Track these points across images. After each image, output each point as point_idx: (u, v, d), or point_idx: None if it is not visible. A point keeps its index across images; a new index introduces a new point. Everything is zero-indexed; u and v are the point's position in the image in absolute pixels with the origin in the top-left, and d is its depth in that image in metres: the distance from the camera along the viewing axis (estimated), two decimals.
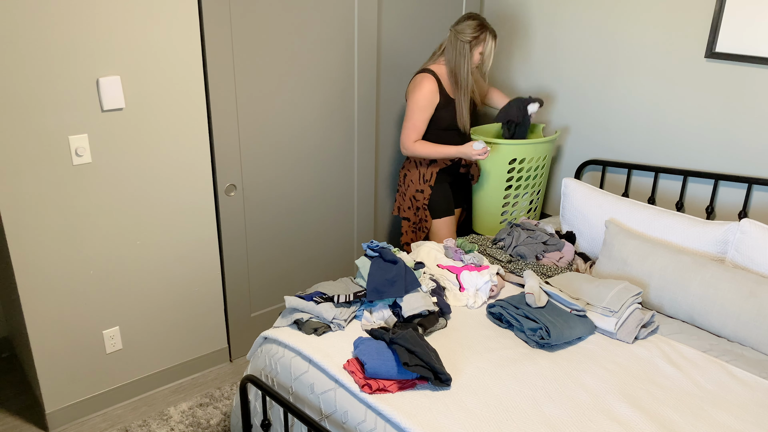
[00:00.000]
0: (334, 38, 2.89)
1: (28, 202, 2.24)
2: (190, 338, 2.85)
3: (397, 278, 2.18)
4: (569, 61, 3.29)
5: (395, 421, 1.73)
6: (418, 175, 3.03)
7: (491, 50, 2.83)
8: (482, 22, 2.79)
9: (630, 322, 2.19)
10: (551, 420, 1.76)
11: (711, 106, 2.82)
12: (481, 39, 2.78)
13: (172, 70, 2.43)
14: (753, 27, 2.60)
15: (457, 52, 2.80)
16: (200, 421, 2.61)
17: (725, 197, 2.85)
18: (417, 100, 2.83)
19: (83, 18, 2.18)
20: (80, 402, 2.59)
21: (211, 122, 2.61)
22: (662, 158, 3.04)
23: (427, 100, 2.83)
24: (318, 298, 2.16)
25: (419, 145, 2.88)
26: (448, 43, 2.83)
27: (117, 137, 2.38)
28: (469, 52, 2.79)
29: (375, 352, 1.90)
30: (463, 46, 2.78)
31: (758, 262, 2.28)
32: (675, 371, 2.01)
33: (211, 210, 2.72)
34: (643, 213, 2.60)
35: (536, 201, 3.33)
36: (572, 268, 2.65)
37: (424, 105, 2.84)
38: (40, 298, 2.37)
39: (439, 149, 2.88)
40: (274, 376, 2.08)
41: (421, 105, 2.84)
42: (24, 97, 2.14)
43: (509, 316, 2.20)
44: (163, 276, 2.66)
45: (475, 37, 2.77)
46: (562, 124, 3.42)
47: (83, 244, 2.41)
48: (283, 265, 3.09)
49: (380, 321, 2.17)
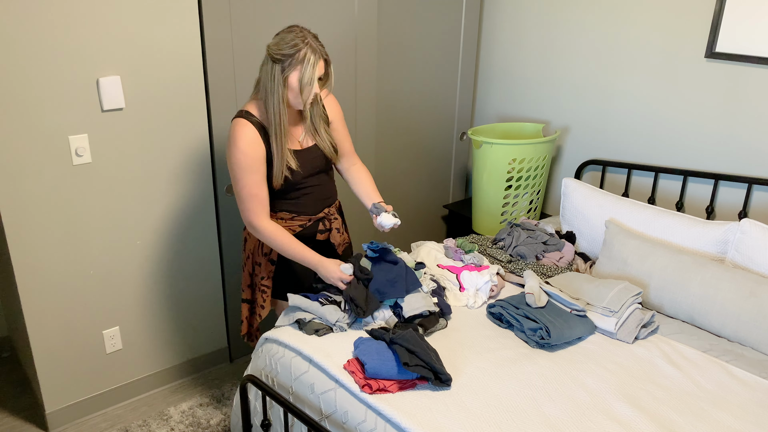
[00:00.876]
0: (334, 38, 2.89)
1: (28, 202, 2.24)
2: (190, 338, 2.85)
3: (397, 279, 2.18)
4: (569, 61, 3.29)
5: (395, 421, 1.73)
6: (255, 244, 2.26)
7: (311, 78, 1.98)
8: (305, 36, 1.97)
9: (630, 322, 2.19)
10: (551, 420, 1.76)
11: (711, 106, 2.82)
12: (298, 59, 1.96)
13: (172, 70, 2.43)
14: (753, 27, 2.60)
15: (268, 75, 2.00)
16: (200, 421, 2.61)
17: (725, 197, 2.85)
18: (236, 160, 2.03)
19: (83, 18, 2.18)
20: (80, 402, 2.59)
21: (211, 122, 2.61)
22: (662, 158, 3.04)
23: (249, 157, 2.02)
24: (323, 300, 2.16)
25: (272, 229, 2.09)
26: (262, 65, 2.04)
27: (117, 137, 2.38)
28: (280, 75, 1.98)
29: (375, 352, 1.90)
30: (273, 67, 1.98)
31: (758, 262, 2.29)
32: (675, 371, 2.01)
33: (211, 210, 2.72)
34: (643, 213, 2.60)
35: (536, 201, 3.33)
36: (572, 268, 2.65)
37: (248, 165, 2.03)
38: (40, 298, 2.37)
39: (295, 249, 2.10)
40: (275, 376, 2.08)
41: (244, 166, 2.03)
42: (24, 97, 2.14)
43: (509, 316, 2.20)
44: (163, 276, 2.66)
45: (288, 56, 1.96)
46: (562, 124, 3.42)
47: (83, 244, 2.41)
48: None
49: (381, 321, 2.17)
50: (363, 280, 2.19)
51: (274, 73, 1.98)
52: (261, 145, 2.05)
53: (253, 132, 2.04)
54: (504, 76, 3.63)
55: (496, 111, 3.72)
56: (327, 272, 2.11)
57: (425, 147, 3.54)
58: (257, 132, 2.05)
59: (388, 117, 3.32)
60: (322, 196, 2.26)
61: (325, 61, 2.03)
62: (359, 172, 2.35)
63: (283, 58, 1.96)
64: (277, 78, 1.98)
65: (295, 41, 1.95)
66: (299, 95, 2.00)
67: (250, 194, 2.07)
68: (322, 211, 2.28)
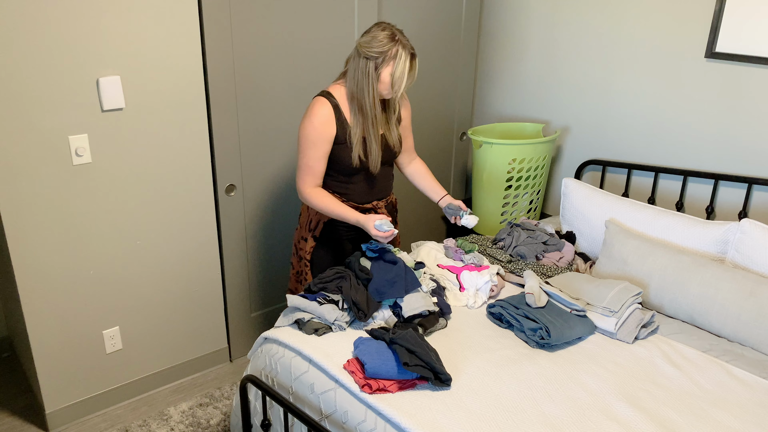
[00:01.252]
0: (334, 37, 2.89)
1: (28, 202, 2.24)
2: (190, 338, 2.85)
3: (397, 278, 2.18)
4: (569, 61, 3.29)
5: (395, 421, 1.73)
6: (306, 219, 2.41)
7: (404, 73, 2.14)
8: (394, 33, 2.14)
9: (630, 322, 2.19)
10: (551, 420, 1.76)
11: (711, 106, 2.82)
12: (391, 56, 2.12)
13: (172, 70, 2.43)
14: (753, 27, 2.60)
15: (360, 71, 2.16)
16: (200, 421, 2.61)
17: (725, 197, 2.85)
18: (306, 132, 2.21)
19: (83, 18, 2.18)
20: (80, 402, 2.59)
21: (211, 122, 2.62)
22: (662, 158, 3.04)
23: (318, 132, 2.20)
24: (321, 299, 2.16)
25: (315, 193, 2.26)
26: (351, 59, 2.21)
27: (117, 137, 2.38)
28: (374, 71, 2.14)
29: (375, 352, 1.90)
30: (367, 63, 2.14)
31: (758, 262, 2.29)
32: (675, 371, 2.01)
33: (211, 210, 2.72)
34: (643, 213, 2.60)
35: (536, 201, 3.33)
36: (572, 268, 2.65)
37: (315, 139, 2.20)
38: (40, 298, 2.37)
39: (336, 208, 2.24)
40: (274, 376, 2.08)
41: (312, 138, 2.20)
42: (24, 97, 2.14)
43: (509, 316, 2.20)
44: (163, 276, 2.66)
45: (381, 53, 2.12)
46: (562, 124, 3.42)
47: (83, 244, 2.41)
48: (283, 265, 3.09)
49: (380, 321, 2.17)
50: (363, 281, 2.19)
51: (367, 70, 2.14)
52: (332, 126, 2.22)
53: (329, 112, 2.21)
54: (504, 76, 3.63)
55: (496, 111, 3.72)
56: (366, 225, 2.20)
57: (425, 147, 3.54)
58: (333, 113, 2.22)
59: None
60: (377, 187, 2.38)
61: (412, 55, 2.17)
62: (420, 166, 2.57)
63: (376, 55, 2.13)
64: (371, 74, 2.15)
65: (387, 39, 2.12)
66: (391, 88, 2.18)
67: (307, 165, 2.25)
68: (371, 202, 2.39)
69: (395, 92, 2.18)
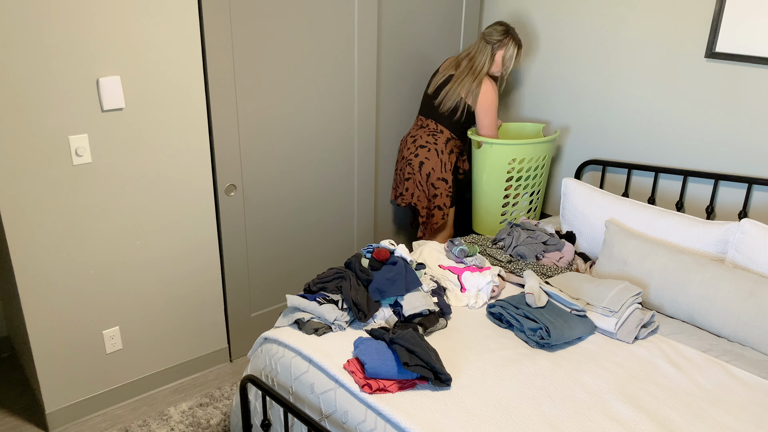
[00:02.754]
0: (335, 37, 2.89)
1: (28, 202, 2.24)
2: (190, 338, 2.85)
3: (397, 277, 2.18)
4: (569, 61, 3.29)
5: (395, 421, 1.73)
6: (440, 164, 3.15)
7: (512, 56, 3.07)
8: (509, 29, 3.06)
9: (630, 322, 2.19)
10: (551, 420, 1.76)
11: (711, 106, 2.82)
12: (504, 43, 3.04)
13: (172, 70, 2.43)
14: (753, 27, 2.60)
15: (481, 53, 3.07)
16: (200, 421, 2.61)
17: (725, 197, 2.85)
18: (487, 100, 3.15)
19: (83, 18, 2.18)
20: (80, 402, 2.59)
21: (211, 122, 2.61)
22: (662, 158, 3.04)
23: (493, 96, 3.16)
24: (321, 299, 2.16)
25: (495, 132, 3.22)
26: (476, 47, 3.09)
27: (117, 137, 2.38)
28: (490, 53, 3.04)
29: (375, 352, 1.90)
30: (486, 46, 3.05)
31: (758, 262, 2.29)
32: (675, 371, 2.01)
33: (211, 210, 2.72)
34: (643, 213, 2.60)
35: (536, 201, 3.33)
36: (572, 268, 2.65)
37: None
38: (40, 298, 2.37)
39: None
40: (274, 376, 2.08)
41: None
42: (24, 97, 2.14)
43: (509, 316, 2.20)
44: (163, 276, 2.66)
45: (499, 41, 3.03)
46: (562, 124, 3.42)
47: (83, 244, 2.41)
48: (283, 265, 3.09)
49: (381, 321, 2.17)
50: (363, 281, 2.19)
51: (486, 51, 3.06)
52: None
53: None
54: None
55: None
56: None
57: None
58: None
59: (389, 115, 3.32)
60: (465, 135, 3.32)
61: (519, 46, 3.10)
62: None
63: (494, 41, 3.05)
64: (487, 55, 3.06)
65: (502, 30, 3.05)
66: (501, 67, 3.12)
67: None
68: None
69: (505, 71, 3.15)
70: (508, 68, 3.12)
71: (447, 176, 3.18)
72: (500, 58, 3.06)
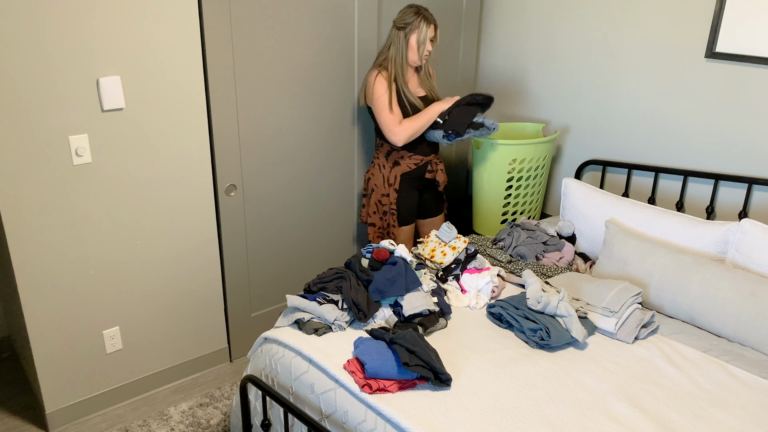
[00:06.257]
0: (335, 37, 2.89)
1: (28, 202, 2.24)
2: (190, 338, 2.85)
3: (397, 277, 2.19)
4: (569, 61, 3.29)
5: (395, 421, 1.73)
6: (381, 179, 2.92)
7: (425, 38, 2.71)
8: (419, 9, 2.71)
9: (630, 322, 2.19)
10: (551, 420, 1.76)
11: (711, 106, 2.82)
12: (416, 25, 2.69)
13: (172, 70, 2.43)
14: (753, 27, 2.60)
15: (395, 42, 2.74)
16: (200, 421, 2.61)
17: (725, 197, 2.85)
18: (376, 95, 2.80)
19: (83, 18, 2.18)
20: (80, 402, 2.59)
21: (211, 122, 2.62)
22: (662, 158, 3.04)
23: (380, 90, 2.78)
24: (321, 299, 2.16)
25: (406, 122, 2.77)
26: (389, 37, 2.78)
27: (117, 137, 2.38)
28: (404, 39, 2.71)
29: (375, 352, 1.90)
30: (398, 33, 2.72)
31: (758, 262, 2.29)
32: (675, 371, 2.01)
33: (211, 210, 2.72)
34: (643, 213, 2.60)
35: (536, 201, 3.33)
36: (572, 268, 2.65)
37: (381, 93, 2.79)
38: (40, 298, 2.37)
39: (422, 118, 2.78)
40: (275, 376, 2.08)
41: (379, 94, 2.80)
42: (24, 97, 2.14)
43: (509, 316, 2.20)
44: (163, 276, 2.66)
45: (407, 24, 2.69)
46: (562, 124, 3.42)
47: (83, 244, 2.41)
48: (283, 265, 3.09)
49: (381, 321, 2.17)
50: (363, 281, 2.19)
51: (399, 38, 2.73)
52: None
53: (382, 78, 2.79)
54: (504, 76, 3.63)
55: (497, 111, 3.72)
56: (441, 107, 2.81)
57: None
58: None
59: None
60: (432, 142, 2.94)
61: (434, 26, 2.75)
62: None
63: (404, 25, 2.71)
64: (401, 41, 2.73)
65: (412, 12, 2.70)
66: (416, 52, 2.75)
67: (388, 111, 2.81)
68: (431, 155, 2.95)
69: (420, 55, 2.75)
70: (424, 52, 2.74)
71: (389, 191, 2.90)
72: (414, 41, 2.72)
